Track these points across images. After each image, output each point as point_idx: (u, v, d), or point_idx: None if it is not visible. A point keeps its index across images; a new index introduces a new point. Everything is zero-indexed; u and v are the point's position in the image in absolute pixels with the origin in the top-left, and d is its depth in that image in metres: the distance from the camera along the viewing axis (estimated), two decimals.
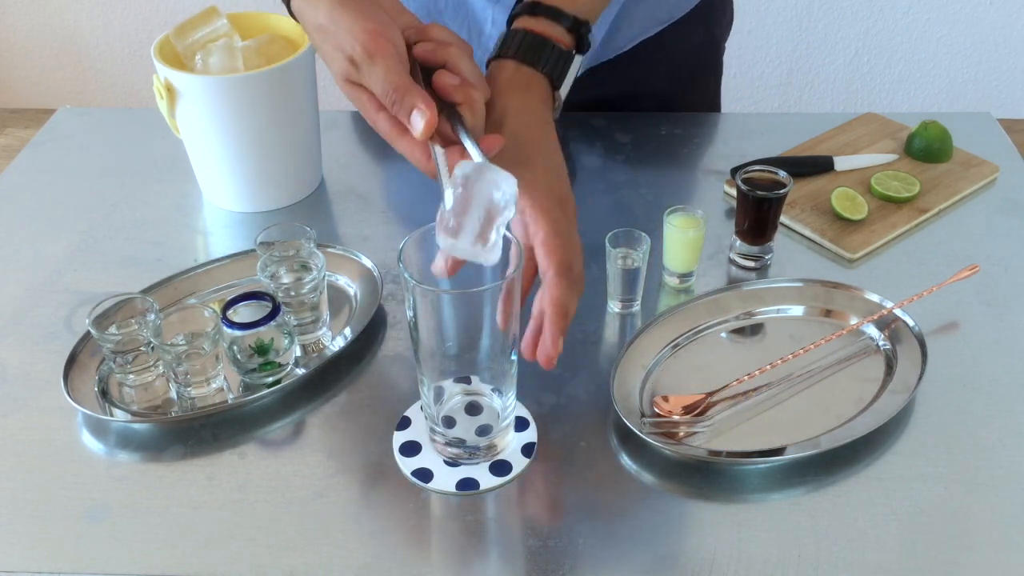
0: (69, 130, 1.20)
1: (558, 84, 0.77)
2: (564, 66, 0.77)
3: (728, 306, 0.88)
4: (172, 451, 0.77)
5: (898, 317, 0.85)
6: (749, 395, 0.79)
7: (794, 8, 2.61)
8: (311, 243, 0.87)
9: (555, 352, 0.68)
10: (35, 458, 0.76)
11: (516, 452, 0.75)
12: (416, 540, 0.70)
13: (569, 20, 0.77)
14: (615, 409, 0.76)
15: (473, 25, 1.05)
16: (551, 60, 0.76)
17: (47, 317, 0.90)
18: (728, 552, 0.68)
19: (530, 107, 0.74)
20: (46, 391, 0.81)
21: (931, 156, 1.07)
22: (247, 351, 0.79)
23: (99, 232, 1.01)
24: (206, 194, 1.06)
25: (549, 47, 0.76)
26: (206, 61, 0.98)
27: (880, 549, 0.68)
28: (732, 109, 1.32)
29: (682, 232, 0.88)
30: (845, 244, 0.96)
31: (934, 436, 0.77)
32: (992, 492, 0.72)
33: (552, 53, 0.76)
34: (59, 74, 2.89)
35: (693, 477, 0.74)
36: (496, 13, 1.03)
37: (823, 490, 0.73)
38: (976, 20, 2.62)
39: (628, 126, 1.15)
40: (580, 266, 0.70)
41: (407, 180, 1.11)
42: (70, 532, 0.71)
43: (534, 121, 0.73)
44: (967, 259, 0.94)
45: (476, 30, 1.06)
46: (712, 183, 1.07)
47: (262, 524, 0.71)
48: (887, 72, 2.72)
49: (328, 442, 0.77)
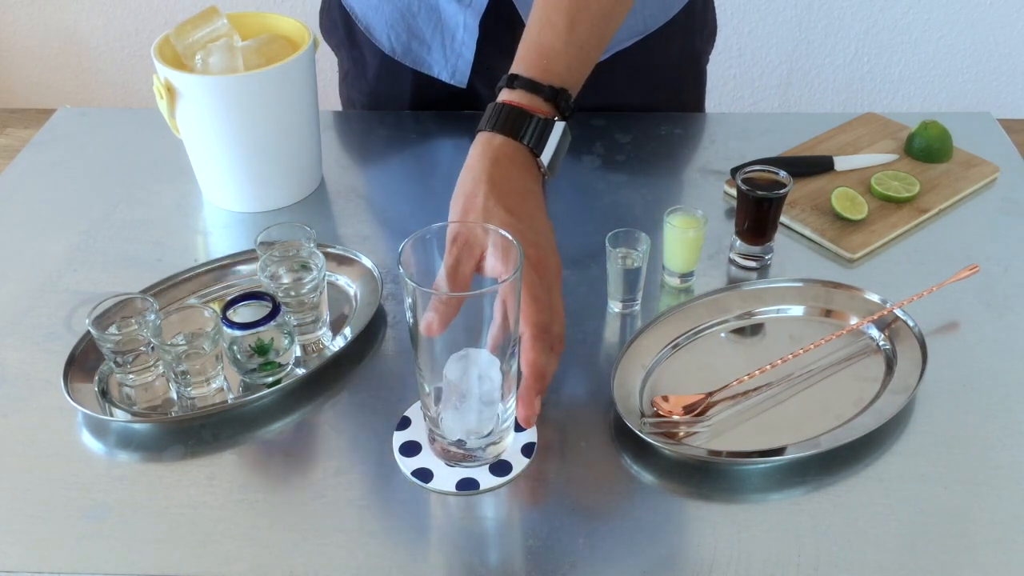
0: (69, 130, 1.20)
1: (538, 151, 0.80)
2: (543, 133, 0.80)
3: (728, 306, 0.88)
4: (172, 451, 0.77)
5: (898, 317, 0.85)
6: (749, 395, 0.79)
7: (794, 8, 2.61)
8: (311, 243, 0.87)
9: (532, 412, 0.72)
10: (35, 458, 0.76)
11: (516, 452, 0.75)
12: (416, 540, 0.70)
13: (546, 91, 0.81)
14: (615, 409, 0.76)
15: (446, 30, 1.07)
16: (530, 130, 0.79)
17: (47, 317, 0.90)
18: (728, 552, 0.68)
19: (510, 175, 0.77)
20: (46, 391, 0.81)
21: (931, 156, 1.07)
22: (247, 351, 0.79)
23: (99, 232, 1.01)
24: (206, 194, 1.06)
25: (528, 118, 0.80)
26: (206, 61, 0.98)
27: (880, 549, 0.68)
28: (732, 109, 1.32)
29: (682, 232, 0.88)
30: (845, 244, 0.96)
31: (934, 436, 0.77)
32: (992, 492, 0.72)
33: (531, 123, 0.80)
34: (59, 74, 2.89)
35: (693, 477, 0.74)
36: (467, 18, 1.05)
37: (823, 490, 0.73)
38: (976, 20, 2.62)
39: (628, 126, 1.15)
40: (560, 327, 0.74)
41: (407, 181, 1.11)
42: (70, 532, 0.71)
43: (514, 189, 0.77)
44: (967, 259, 0.94)
45: (448, 35, 1.07)
46: (712, 183, 1.07)
47: (262, 524, 0.71)
48: (887, 72, 2.72)
49: (328, 442, 0.77)
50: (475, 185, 0.76)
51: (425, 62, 1.11)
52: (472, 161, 0.78)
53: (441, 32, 1.08)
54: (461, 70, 1.09)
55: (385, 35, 1.11)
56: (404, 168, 1.13)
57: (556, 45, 0.83)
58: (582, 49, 0.84)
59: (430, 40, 1.09)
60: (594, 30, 0.85)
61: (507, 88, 0.82)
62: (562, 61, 0.82)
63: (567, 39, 0.83)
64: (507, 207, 0.70)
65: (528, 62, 0.82)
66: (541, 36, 0.83)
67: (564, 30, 0.83)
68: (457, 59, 1.08)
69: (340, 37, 1.18)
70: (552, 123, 0.80)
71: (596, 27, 0.85)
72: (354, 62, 1.18)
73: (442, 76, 1.11)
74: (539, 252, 0.74)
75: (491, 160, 0.77)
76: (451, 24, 1.06)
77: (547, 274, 0.74)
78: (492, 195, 0.74)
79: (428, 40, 1.09)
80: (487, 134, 0.79)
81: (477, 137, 0.80)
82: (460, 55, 1.08)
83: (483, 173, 0.76)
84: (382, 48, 1.12)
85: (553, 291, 0.74)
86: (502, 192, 0.75)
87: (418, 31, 1.09)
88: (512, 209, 0.71)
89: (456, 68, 1.09)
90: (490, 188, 0.75)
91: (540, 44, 0.83)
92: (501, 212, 0.74)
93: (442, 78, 1.11)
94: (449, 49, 1.08)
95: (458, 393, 0.70)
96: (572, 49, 0.83)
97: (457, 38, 1.07)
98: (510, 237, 0.69)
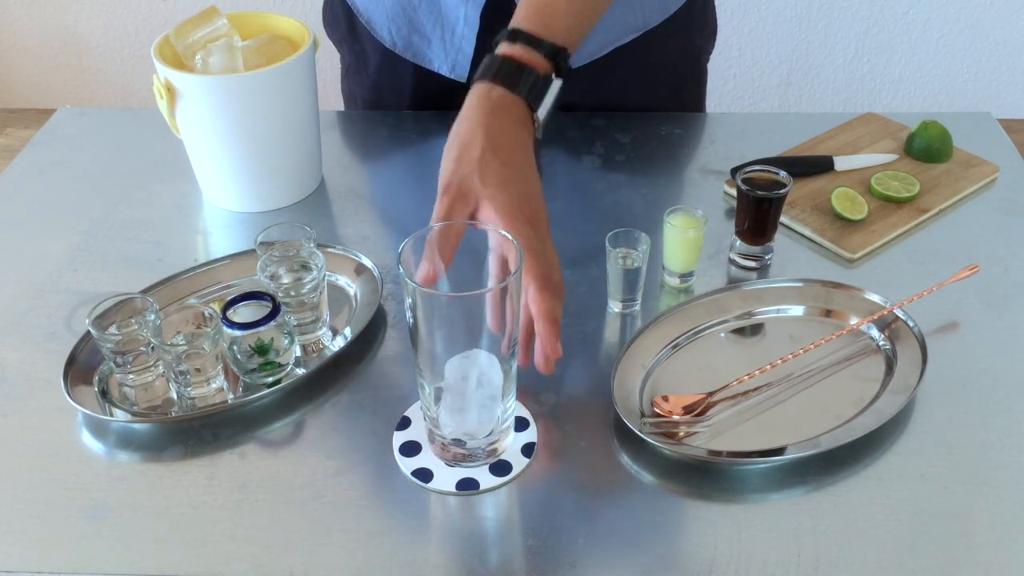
0: (69, 130, 1.20)
1: (535, 106, 0.80)
2: (541, 89, 0.80)
3: (728, 306, 0.88)
4: (172, 451, 0.77)
5: (898, 317, 0.85)
6: (749, 395, 0.79)
7: (794, 8, 2.61)
8: (311, 243, 0.87)
9: (555, 355, 0.73)
10: (35, 458, 0.76)
11: (516, 452, 0.75)
12: (416, 540, 0.70)
13: (547, 47, 0.81)
14: (615, 409, 0.76)
15: (446, 24, 1.07)
16: (528, 84, 0.80)
17: (47, 317, 0.90)
18: (728, 552, 0.68)
19: (505, 127, 0.78)
20: (46, 391, 0.81)
21: (931, 156, 1.07)
22: (247, 351, 0.79)
23: (99, 232, 1.01)
24: (206, 194, 1.06)
25: (527, 72, 0.80)
26: (206, 61, 0.98)
27: (880, 549, 0.68)
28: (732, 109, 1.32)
29: (682, 232, 0.88)
30: (845, 244, 0.96)
31: (934, 436, 0.77)
32: (992, 492, 0.72)
33: (529, 78, 0.80)
34: (59, 74, 2.89)
35: (693, 477, 0.74)
36: (468, 11, 1.05)
37: (823, 490, 0.73)
38: (976, 20, 2.62)
39: (628, 126, 1.15)
40: (558, 274, 0.75)
41: (407, 180, 1.11)
42: (70, 532, 0.71)
43: (509, 142, 0.77)
44: (967, 259, 0.94)
45: (449, 29, 1.08)
46: (712, 183, 1.07)
47: (262, 524, 0.71)
48: (887, 72, 2.72)
49: (328, 442, 0.77)
50: (471, 135, 0.76)
51: (425, 56, 1.11)
52: (468, 111, 0.79)
53: (441, 26, 1.08)
54: (461, 64, 1.09)
55: (386, 29, 1.11)
56: (404, 168, 1.13)
57: (559, 5, 0.83)
58: (582, 12, 0.86)
59: (430, 34, 1.09)
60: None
61: (507, 42, 0.82)
62: (563, 21, 0.83)
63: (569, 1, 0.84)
64: (502, 159, 0.71)
65: (530, 18, 0.83)
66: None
67: None
68: (457, 53, 1.08)
69: (342, 32, 1.18)
70: (550, 79, 0.81)
71: None
72: (355, 57, 1.19)
73: (442, 70, 1.11)
74: (531, 205, 0.75)
75: (487, 111, 0.78)
76: (451, 18, 1.07)
77: (540, 226, 0.75)
78: (489, 146, 0.75)
79: (428, 34, 1.09)
80: (485, 84, 0.80)
81: (474, 87, 0.80)
82: (460, 49, 1.08)
83: (479, 124, 0.77)
84: (383, 42, 1.12)
85: (546, 241, 0.76)
86: (498, 144, 0.76)
87: (419, 25, 1.09)
88: (507, 161, 0.72)
89: (456, 62, 1.09)
90: (487, 139, 0.76)
91: (541, 3, 0.83)
92: (496, 163, 0.75)
93: (442, 72, 1.11)
94: (449, 43, 1.08)
95: (458, 394, 0.70)
96: (574, 10, 0.84)
97: (457, 32, 1.07)
98: (510, 237, 0.69)
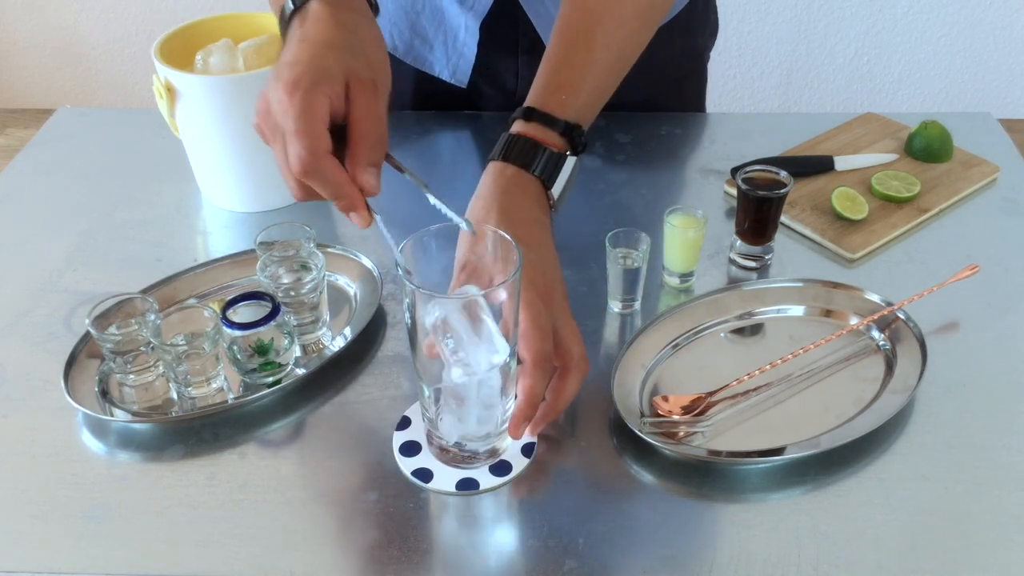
0: (69, 130, 1.20)
1: (550, 184, 0.81)
2: (556, 167, 0.81)
3: (728, 306, 0.88)
4: (172, 451, 0.77)
5: (898, 317, 0.85)
6: (749, 395, 0.79)
7: (794, 8, 2.61)
8: (311, 243, 0.87)
9: (517, 437, 0.73)
10: (35, 458, 0.76)
11: (516, 452, 0.75)
12: (416, 540, 0.70)
13: (561, 125, 0.82)
14: (615, 409, 0.76)
15: (448, 30, 1.08)
16: (542, 162, 0.80)
17: (47, 317, 0.90)
18: (728, 552, 0.68)
19: (520, 205, 0.78)
20: (46, 391, 0.81)
21: (931, 156, 1.07)
22: (247, 351, 0.79)
23: (99, 232, 1.01)
24: (206, 194, 1.06)
25: (541, 150, 0.80)
26: (206, 61, 0.98)
27: (880, 549, 0.68)
28: (732, 109, 1.32)
29: (682, 232, 0.88)
30: (845, 244, 0.96)
31: (934, 436, 0.77)
32: (992, 492, 0.72)
33: (543, 156, 0.80)
34: (59, 74, 2.89)
35: (693, 477, 0.74)
36: (469, 20, 1.05)
37: (823, 490, 0.73)
38: (976, 20, 2.62)
39: (628, 126, 1.15)
40: (581, 348, 0.74)
41: (407, 180, 1.11)
42: (70, 532, 0.71)
43: (523, 219, 0.77)
44: (967, 259, 0.94)
45: (451, 35, 1.08)
46: (712, 183, 1.07)
47: (262, 524, 0.71)
48: (887, 72, 2.72)
49: (328, 442, 0.77)
50: (486, 213, 0.77)
51: (427, 61, 1.11)
52: (483, 190, 0.79)
53: (443, 32, 1.08)
54: (462, 69, 1.09)
55: (388, 32, 1.11)
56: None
57: (575, 83, 0.84)
58: (598, 88, 0.86)
59: (432, 39, 1.09)
60: (612, 70, 0.87)
61: (522, 120, 0.82)
62: (579, 99, 0.84)
63: (586, 78, 0.84)
64: (517, 236, 0.71)
65: (545, 97, 0.83)
66: (560, 73, 0.84)
67: (584, 69, 0.84)
68: (458, 59, 1.09)
69: None
70: (564, 156, 0.81)
71: (614, 68, 0.87)
72: None
73: (443, 75, 1.11)
74: (545, 280, 0.75)
75: (502, 189, 0.78)
76: (453, 24, 1.07)
77: (552, 302, 0.75)
78: (502, 224, 0.75)
79: (430, 39, 1.09)
80: (499, 164, 0.80)
81: (489, 166, 0.81)
82: (461, 55, 1.08)
83: (494, 202, 0.77)
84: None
85: (561, 318, 0.75)
86: (512, 221, 0.76)
87: (421, 30, 1.09)
88: (521, 238, 0.72)
89: (457, 68, 1.09)
90: (500, 217, 0.76)
91: (559, 81, 0.84)
92: None
93: (443, 77, 1.11)
94: (451, 49, 1.08)
95: (457, 396, 0.70)
96: (589, 87, 0.85)
97: (459, 38, 1.07)
98: (508, 238, 0.69)
